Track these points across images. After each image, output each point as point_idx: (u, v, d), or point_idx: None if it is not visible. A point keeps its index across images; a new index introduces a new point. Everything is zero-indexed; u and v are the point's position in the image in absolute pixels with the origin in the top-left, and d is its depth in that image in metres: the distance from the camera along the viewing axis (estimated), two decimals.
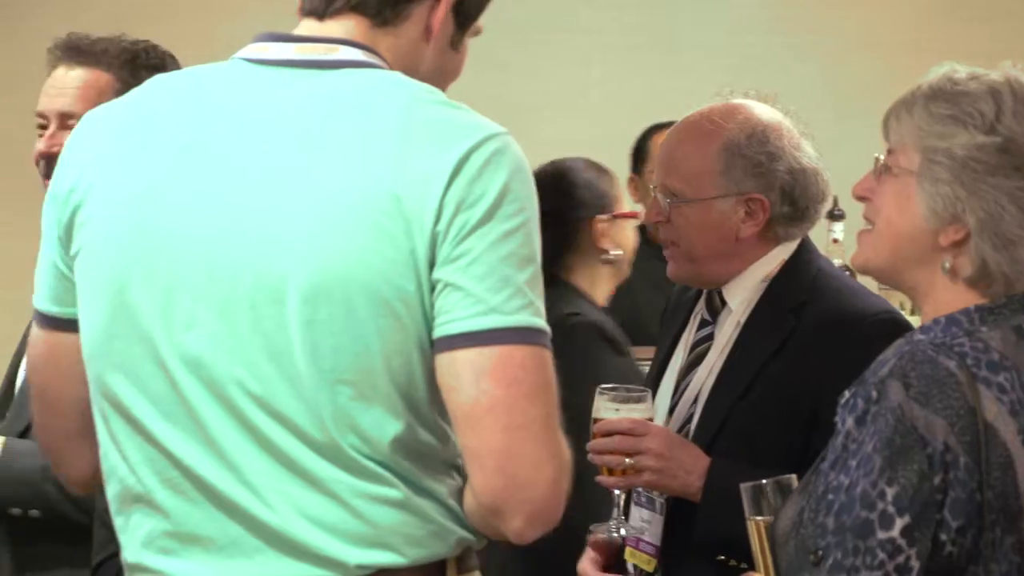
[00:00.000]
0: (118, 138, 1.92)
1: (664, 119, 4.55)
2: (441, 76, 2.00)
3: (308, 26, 1.95)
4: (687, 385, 2.75)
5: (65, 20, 3.18)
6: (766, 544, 2.08)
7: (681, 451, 2.61)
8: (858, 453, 1.94)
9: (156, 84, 1.97)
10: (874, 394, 1.94)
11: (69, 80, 2.90)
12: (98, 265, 1.89)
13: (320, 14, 1.95)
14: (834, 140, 3.31)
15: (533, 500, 1.81)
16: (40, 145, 2.90)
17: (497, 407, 1.79)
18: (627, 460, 2.60)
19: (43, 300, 1.98)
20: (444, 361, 1.81)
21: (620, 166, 4.53)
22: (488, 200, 1.81)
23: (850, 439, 1.95)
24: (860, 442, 1.94)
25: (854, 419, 1.95)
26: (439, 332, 1.80)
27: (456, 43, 2.01)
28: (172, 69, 2.85)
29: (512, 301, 1.80)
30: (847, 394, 1.98)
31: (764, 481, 2.12)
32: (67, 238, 1.93)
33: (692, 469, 2.60)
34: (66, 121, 2.86)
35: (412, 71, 1.94)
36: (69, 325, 1.95)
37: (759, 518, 2.11)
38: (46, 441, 2.03)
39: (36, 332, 1.99)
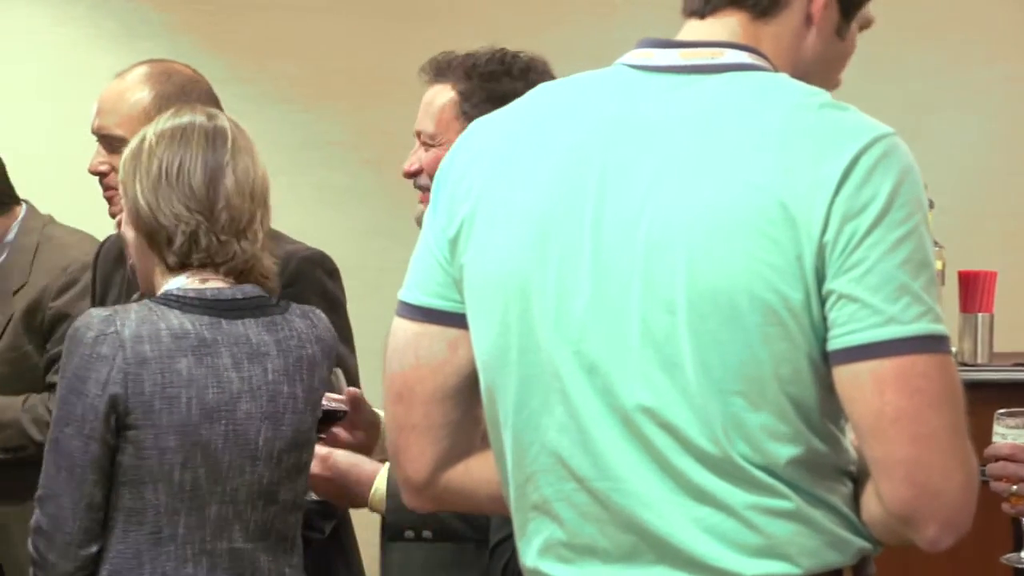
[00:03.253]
0: (506, 147, 1.93)
1: None
2: (827, 66, 1.97)
3: (691, 28, 1.94)
4: None
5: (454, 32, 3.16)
6: None
7: None
8: None
9: (542, 92, 1.98)
10: None
11: (425, 99, 2.99)
12: (490, 277, 1.91)
13: (701, 13, 1.93)
14: None
15: (945, 508, 1.79)
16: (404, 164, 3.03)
17: (902, 418, 1.77)
18: (1012, 487, 2.55)
19: (413, 291, 1.99)
20: (844, 374, 1.79)
21: None
22: (877, 206, 1.77)
23: None
24: None
25: None
26: (837, 344, 1.78)
27: (842, 32, 1.97)
28: (519, 75, 2.92)
29: (910, 310, 1.77)
30: None
31: None
32: (453, 247, 1.95)
33: None
34: (422, 138, 2.99)
35: (796, 61, 1.93)
36: (437, 317, 1.97)
37: None
38: (391, 432, 2.03)
39: (399, 323, 2.00)
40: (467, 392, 1.97)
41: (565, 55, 3.16)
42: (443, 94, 2.95)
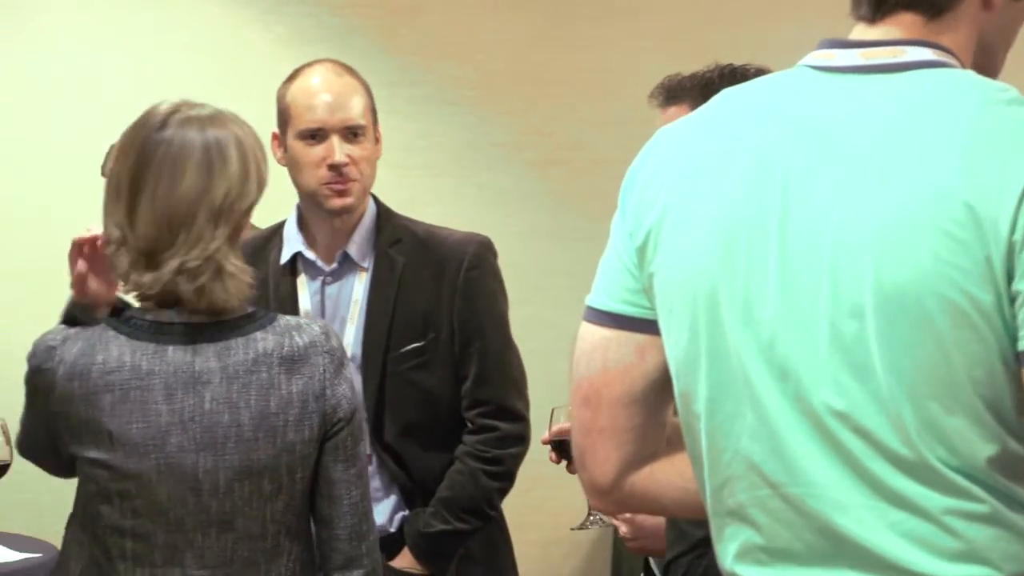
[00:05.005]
0: (692, 154, 1.93)
1: None
2: (1007, 35, 1.94)
3: (862, 31, 1.91)
4: None
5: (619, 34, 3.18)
6: None
7: None
8: None
9: (727, 97, 1.97)
10: None
11: (661, 123, 2.94)
12: (678, 285, 1.91)
13: (870, 18, 1.91)
14: None
15: None
16: None
17: None
18: None
19: (602, 297, 1.99)
20: None
21: None
22: None
23: None
24: None
25: None
26: None
27: None
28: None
29: None
30: None
31: None
32: (642, 255, 1.95)
33: None
34: None
35: (978, 47, 1.90)
36: (626, 323, 1.97)
37: None
38: (577, 435, 2.04)
39: (587, 328, 2.00)
40: (653, 397, 1.98)
41: (731, 55, 3.16)
42: (680, 113, 2.91)
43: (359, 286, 3.37)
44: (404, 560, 3.34)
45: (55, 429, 2.53)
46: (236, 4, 5.40)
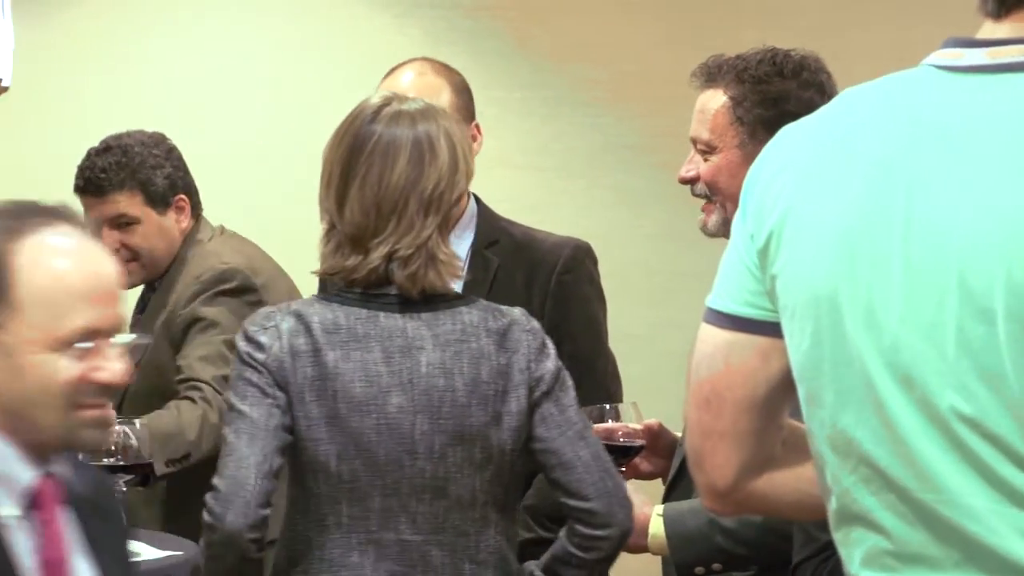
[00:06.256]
0: (813, 156, 1.91)
1: None
2: None
3: (992, 28, 1.88)
4: None
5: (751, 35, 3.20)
6: None
7: None
8: None
9: (849, 97, 1.95)
10: None
11: (697, 105, 2.97)
12: (800, 289, 1.89)
13: (996, 14, 1.88)
14: None
15: None
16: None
17: None
18: None
19: (724, 299, 1.98)
20: None
21: None
22: None
23: None
24: None
25: None
26: None
27: None
28: (791, 76, 2.91)
29: None
30: None
31: None
32: (763, 257, 1.93)
33: None
34: (696, 145, 2.96)
35: None
36: (749, 325, 1.96)
37: None
38: (695, 438, 2.03)
39: (708, 330, 1.99)
40: (775, 400, 1.97)
41: (867, 55, 3.14)
42: (715, 99, 2.93)
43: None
44: None
45: (278, 398, 2.58)
46: (372, 9, 5.46)
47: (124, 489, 3.01)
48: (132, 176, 3.80)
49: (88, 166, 3.83)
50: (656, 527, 2.83)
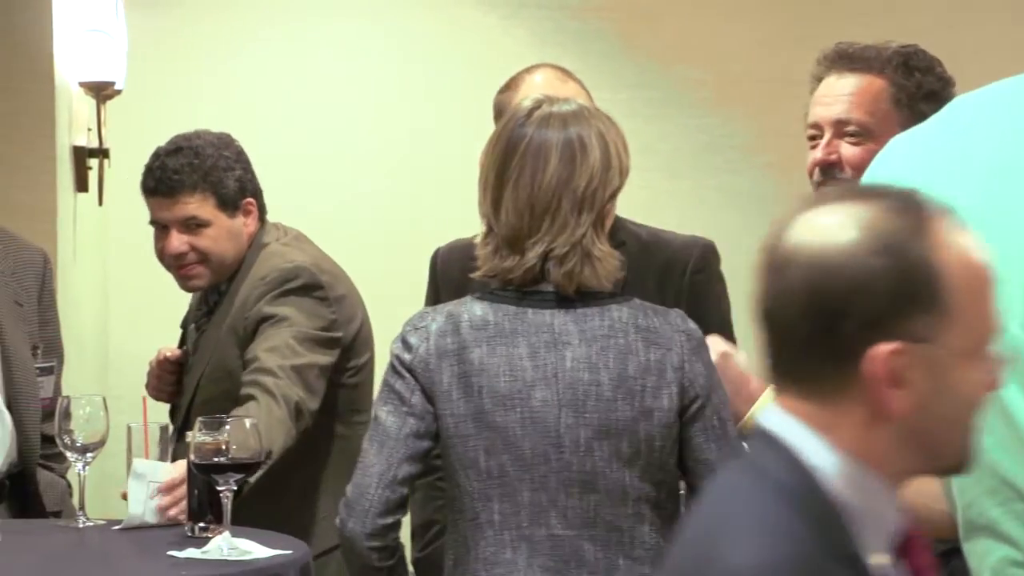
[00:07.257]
0: (926, 165, 1.92)
1: None
2: None
3: None
4: None
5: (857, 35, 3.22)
6: None
7: None
8: None
9: (961, 103, 1.96)
10: None
11: (841, 88, 2.98)
12: None
13: None
14: None
15: None
16: (817, 154, 3.01)
17: None
18: None
19: None
20: None
21: None
22: None
23: None
24: None
25: None
26: None
27: None
28: (941, 72, 2.93)
29: None
30: None
31: None
32: None
33: None
34: (842, 129, 2.96)
35: None
36: None
37: None
38: None
39: None
40: None
41: (981, 56, 3.12)
42: (872, 83, 2.92)
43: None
44: None
45: (415, 405, 2.63)
46: (479, 10, 5.49)
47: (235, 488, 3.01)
48: (204, 178, 3.71)
49: (159, 166, 3.73)
50: (759, 405, 2.75)
